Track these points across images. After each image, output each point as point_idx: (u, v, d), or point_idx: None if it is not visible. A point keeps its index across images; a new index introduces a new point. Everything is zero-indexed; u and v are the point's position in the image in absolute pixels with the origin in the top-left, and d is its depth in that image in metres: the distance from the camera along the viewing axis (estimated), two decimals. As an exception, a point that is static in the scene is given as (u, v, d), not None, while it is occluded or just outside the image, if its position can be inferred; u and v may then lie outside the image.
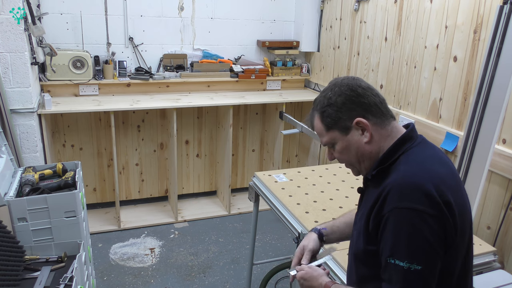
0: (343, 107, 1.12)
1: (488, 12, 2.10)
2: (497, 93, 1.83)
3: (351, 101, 1.12)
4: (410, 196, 0.99)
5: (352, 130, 1.12)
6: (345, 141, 1.13)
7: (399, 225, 0.99)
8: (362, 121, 1.10)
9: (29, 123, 2.73)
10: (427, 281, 0.98)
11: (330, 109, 1.13)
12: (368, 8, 3.06)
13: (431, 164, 1.07)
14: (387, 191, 1.03)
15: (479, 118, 1.91)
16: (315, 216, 1.87)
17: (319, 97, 1.18)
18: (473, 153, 1.95)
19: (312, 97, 3.74)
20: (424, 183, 1.00)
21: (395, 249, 0.99)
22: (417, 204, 0.98)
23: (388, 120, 1.13)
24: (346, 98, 1.12)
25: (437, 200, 0.98)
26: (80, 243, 1.86)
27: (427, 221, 0.97)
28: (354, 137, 1.12)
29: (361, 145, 1.12)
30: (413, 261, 0.97)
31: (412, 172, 1.04)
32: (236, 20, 3.79)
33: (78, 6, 3.28)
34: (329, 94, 1.14)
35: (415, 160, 1.07)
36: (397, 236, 0.99)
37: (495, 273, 1.65)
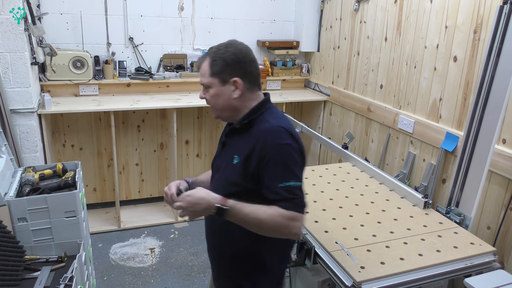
0: (230, 65, 1.38)
1: (488, 12, 2.10)
2: (497, 93, 1.83)
3: (238, 64, 1.38)
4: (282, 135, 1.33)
5: (228, 84, 1.39)
6: (219, 90, 1.40)
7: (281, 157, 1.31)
8: (238, 82, 1.39)
9: (29, 123, 2.73)
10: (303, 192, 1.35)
11: (220, 61, 1.38)
12: (368, 8, 3.06)
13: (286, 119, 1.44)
14: (265, 135, 1.34)
15: (479, 118, 1.91)
16: (315, 216, 1.87)
17: (216, 47, 1.42)
18: (473, 153, 1.95)
19: (312, 97, 3.74)
20: (289, 127, 1.37)
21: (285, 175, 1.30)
22: (288, 140, 1.33)
23: (256, 89, 1.45)
24: (236, 60, 1.38)
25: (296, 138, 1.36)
26: (80, 243, 1.86)
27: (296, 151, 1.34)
28: (227, 90, 1.40)
29: (230, 98, 1.41)
30: (297, 180, 1.32)
31: (279, 122, 1.38)
32: (236, 20, 3.79)
33: (78, 6, 3.28)
34: (224, 49, 1.39)
35: (276, 115, 1.43)
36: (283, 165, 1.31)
37: (495, 273, 1.65)
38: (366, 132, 3.17)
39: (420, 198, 2.00)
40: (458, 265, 1.60)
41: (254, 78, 1.43)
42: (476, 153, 1.94)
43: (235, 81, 1.38)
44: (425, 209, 1.98)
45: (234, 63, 1.38)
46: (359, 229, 1.78)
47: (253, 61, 1.42)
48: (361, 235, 1.74)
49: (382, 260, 1.56)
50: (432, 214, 1.95)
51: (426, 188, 2.53)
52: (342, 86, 3.47)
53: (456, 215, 1.97)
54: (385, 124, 2.92)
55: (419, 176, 2.63)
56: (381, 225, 1.82)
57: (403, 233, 1.77)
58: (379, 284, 1.47)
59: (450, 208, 2.03)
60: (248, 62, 1.41)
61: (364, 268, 1.51)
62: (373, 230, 1.78)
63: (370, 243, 1.68)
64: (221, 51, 1.39)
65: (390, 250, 1.64)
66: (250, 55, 1.42)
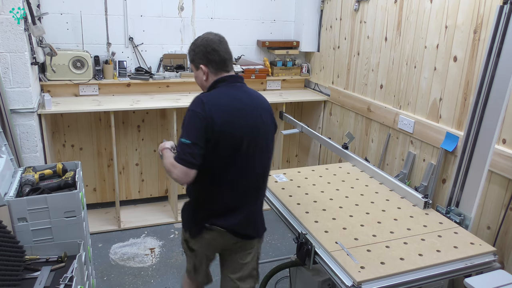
0: (198, 55, 1.77)
1: (488, 12, 2.10)
2: (497, 93, 1.83)
3: (203, 54, 1.75)
4: (193, 103, 1.69)
5: (199, 70, 1.78)
6: (195, 73, 1.83)
7: (185, 119, 1.68)
8: (203, 68, 1.77)
9: (29, 123, 2.73)
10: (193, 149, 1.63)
11: (192, 52, 1.80)
12: (368, 8, 3.06)
13: (219, 95, 1.73)
14: None
15: (479, 118, 1.91)
16: (315, 216, 1.87)
17: (195, 39, 1.80)
18: (473, 153, 1.95)
19: (312, 97, 3.74)
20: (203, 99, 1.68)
21: (182, 133, 1.66)
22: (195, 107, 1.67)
23: (220, 72, 1.77)
24: (201, 51, 1.76)
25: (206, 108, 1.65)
26: (80, 243, 1.87)
27: (198, 116, 1.64)
28: (199, 74, 1.80)
29: (201, 79, 1.81)
30: (186, 138, 1.64)
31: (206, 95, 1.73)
32: (236, 20, 3.79)
33: (78, 6, 3.28)
34: (195, 41, 1.79)
35: (214, 91, 1.76)
36: (183, 125, 1.67)
37: (495, 273, 1.65)
38: (366, 132, 3.17)
39: (420, 198, 2.01)
40: (458, 265, 1.60)
41: (217, 64, 1.76)
42: (476, 153, 1.94)
43: (201, 67, 1.77)
44: (425, 209, 1.98)
45: (200, 53, 1.76)
46: (359, 229, 1.78)
47: (215, 50, 1.74)
48: (361, 235, 1.74)
49: (382, 260, 1.56)
50: (432, 214, 1.95)
51: (426, 188, 2.53)
52: (342, 86, 3.47)
53: (456, 215, 1.97)
54: (385, 124, 2.92)
55: (419, 176, 2.63)
56: (381, 225, 1.82)
57: (403, 233, 1.77)
58: (379, 284, 1.47)
59: (450, 208, 2.03)
60: (210, 51, 1.74)
61: (364, 268, 1.51)
62: (373, 230, 1.78)
63: (370, 243, 1.68)
64: (194, 43, 1.79)
65: (390, 250, 1.64)
66: (212, 46, 1.74)
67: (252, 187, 1.81)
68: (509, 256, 2.04)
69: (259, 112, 1.78)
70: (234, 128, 1.69)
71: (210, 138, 1.65)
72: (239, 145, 1.70)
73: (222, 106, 1.68)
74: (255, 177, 1.80)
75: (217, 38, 1.77)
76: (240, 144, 1.70)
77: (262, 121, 1.77)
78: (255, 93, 1.85)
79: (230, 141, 1.68)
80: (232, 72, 1.81)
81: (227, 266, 1.95)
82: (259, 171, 1.81)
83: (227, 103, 1.71)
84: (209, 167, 1.69)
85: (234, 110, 1.71)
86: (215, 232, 1.77)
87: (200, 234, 1.80)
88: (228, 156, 1.70)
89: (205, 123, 1.63)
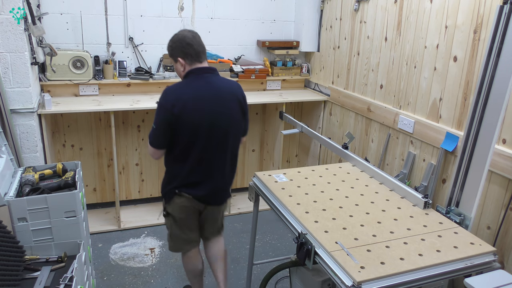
0: (175, 49, 2.10)
1: (488, 12, 2.11)
2: (497, 93, 1.83)
3: (179, 49, 2.09)
4: (161, 94, 2.05)
5: (177, 62, 2.11)
6: (174, 66, 2.16)
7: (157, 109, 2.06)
8: (180, 60, 2.10)
9: (29, 123, 2.73)
10: (157, 134, 2.06)
11: (170, 47, 2.13)
12: (368, 8, 3.06)
13: (184, 86, 2.08)
14: None
15: (479, 118, 1.91)
16: (315, 216, 1.87)
17: (172, 37, 2.13)
18: (473, 153, 1.95)
19: (312, 97, 3.74)
20: (167, 90, 2.05)
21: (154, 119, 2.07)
22: (161, 98, 2.05)
23: (195, 63, 2.09)
24: (178, 46, 2.09)
25: (167, 97, 2.04)
26: (80, 243, 1.87)
27: (161, 106, 2.04)
28: (178, 66, 2.13)
29: (180, 71, 2.14)
30: (154, 124, 2.05)
31: (168, 87, 2.08)
32: (236, 20, 3.79)
33: (78, 6, 3.28)
34: (172, 38, 2.13)
35: (179, 83, 2.10)
36: None
37: (495, 273, 1.65)
38: (366, 132, 3.17)
39: (420, 198, 2.00)
40: (458, 265, 1.60)
41: (192, 56, 2.07)
42: (476, 153, 1.93)
43: (178, 60, 2.09)
44: (425, 209, 1.98)
45: (177, 48, 2.09)
46: (359, 229, 1.78)
47: (189, 45, 2.06)
48: (361, 235, 1.74)
49: (382, 260, 1.56)
50: (432, 214, 1.95)
51: (426, 188, 2.53)
52: (342, 86, 3.47)
53: (456, 215, 1.97)
54: (385, 124, 2.92)
55: (419, 176, 2.63)
56: (381, 225, 1.82)
57: (403, 233, 1.77)
58: (379, 284, 1.47)
59: (450, 208, 2.03)
60: (185, 46, 2.06)
61: (364, 268, 1.51)
62: (373, 230, 1.78)
63: (370, 243, 1.68)
64: (171, 40, 2.12)
65: (390, 250, 1.64)
66: (186, 40, 2.06)
67: (216, 165, 2.16)
68: (509, 256, 2.04)
69: (221, 101, 2.11)
70: (193, 115, 2.03)
71: (172, 124, 2.02)
72: (198, 130, 2.05)
73: (183, 96, 2.03)
74: (219, 156, 2.16)
75: (191, 34, 2.10)
76: (198, 128, 2.05)
77: (223, 108, 2.10)
78: (221, 83, 2.15)
79: (190, 126, 2.03)
80: (205, 63, 2.13)
81: (201, 223, 2.35)
82: (222, 151, 2.16)
83: (187, 93, 2.04)
84: (177, 146, 2.09)
85: (193, 99, 2.04)
86: (183, 197, 2.17)
87: (172, 198, 2.18)
88: (190, 139, 2.06)
89: (166, 111, 2.00)
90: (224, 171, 2.20)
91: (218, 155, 2.15)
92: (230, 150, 2.19)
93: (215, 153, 2.14)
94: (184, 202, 2.18)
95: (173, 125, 2.01)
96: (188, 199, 2.17)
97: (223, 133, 2.12)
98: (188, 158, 2.10)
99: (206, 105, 2.05)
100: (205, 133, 2.06)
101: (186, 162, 2.11)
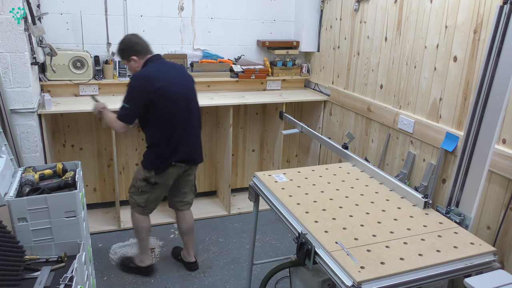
0: (127, 51, 2.50)
1: (488, 12, 2.11)
2: (497, 93, 1.83)
3: (129, 49, 2.49)
4: (134, 79, 2.45)
5: (131, 61, 2.51)
6: (128, 65, 2.55)
7: (127, 89, 2.43)
8: (133, 58, 2.51)
9: (29, 123, 2.73)
10: (129, 113, 2.44)
11: (121, 51, 2.52)
12: (368, 8, 3.06)
13: (155, 69, 2.48)
14: None
15: (479, 118, 1.91)
16: (315, 216, 1.87)
17: (120, 42, 2.53)
18: (473, 153, 1.95)
19: (312, 97, 3.74)
20: (143, 75, 2.46)
21: (124, 99, 2.43)
22: (132, 80, 2.45)
23: (146, 55, 2.52)
24: (129, 47, 2.50)
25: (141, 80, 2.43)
26: (80, 243, 1.86)
27: (133, 87, 2.41)
28: (132, 64, 2.53)
29: (135, 67, 2.54)
30: (125, 102, 2.42)
31: (142, 71, 2.49)
32: (236, 20, 3.79)
33: (78, 6, 3.28)
34: (121, 43, 2.52)
35: (147, 68, 2.50)
36: (125, 94, 2.43)
37: (495, 273, 1.65)
38: (366, 132, 3.17)
39: (420, 198, 2.00)
40: (458, 265, 1.60)
41: (141, 52, 2.50)
42: (476, 153, 1.93)
43: (133, 58, 2.50)
44: (425, 209, 1.98)
45: (128, 49, 2.50)
46: (359, 229, 1.78)
47: (136, 43, 2.50)
48: (361, 235, 1.74)
49: (382, 260, 1.56)
50: (432, 214, 1.95)
51: (426, 188, 2.53)
52: (342, 86, 3.47)
53: (456, 215, 1.97)
54: (385, 124, 2.92)
55: (419, 176, 2.63)
56: (381, 225, 1.82)
57: (403, 233, 1.77)
58: (379, 284, 1.47)
59: (450, 208, 2.03)
60: (134, 44, 2.49)
61: (364, 268, 1.51)
62: (373, 230, 1.78)
63: (370, 243, 1.68)
64: (121, 44, 2.51)
65: (390, 250, 1.64)
66: (134, 40, 2.50)
67: (193, 131, 2.60)
68: (509, 256, 2.04)
69: (185, 76, 2.63)
70: (173, 90, 2.45)
71: (153, 101, 2.40)
72: (178, 102, 2.47)
73: (160, 76, 2.43)
74: (195, 123, 2.62)
75: (134, 35, 2.55)
76: (178, 101, 2.47)
77: (188, 82, 2.61)
78: (175, 64, 2.82)
79: (172, 100, 2.44)
80: (153, 52, 2.58)
81: (177, 186, 2.76)
82: (194, 119, 2.61)
83: (162, 73, 2.46)
84: (161, 121, 2.45)
85: (169, 78, 2.47)
86: (177, 166, 2.57)
87: (167, 169, 2.55)
88: (173, 111, 2.46)
89: (147, 92, 2.38)
90: (198, 135, 2.70)
91: (194, 122, 2.61)
92: (199, 118, 2.68)
93: (192, 121, 2.59)
94: (176, 169, 2.58)
95: (154, 102, 2.40)
96: (180, 167, 2.59)
97: (193, 103, 2.62)
98: (174, 130, 2.49)
99: (178, 81, 2.53)
100: (183, 104, 2.51)
101: (173, 134, 2.49)
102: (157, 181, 2.59)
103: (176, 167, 2.58)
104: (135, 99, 2.41)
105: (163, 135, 2.49)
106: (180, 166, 2.58)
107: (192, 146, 2.63)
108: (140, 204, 2.69)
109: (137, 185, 2.66)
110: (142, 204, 2.69)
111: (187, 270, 2.93)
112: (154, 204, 2.74)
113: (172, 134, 2.49)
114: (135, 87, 2.41)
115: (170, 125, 2.48)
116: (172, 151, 2.52)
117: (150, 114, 2.45)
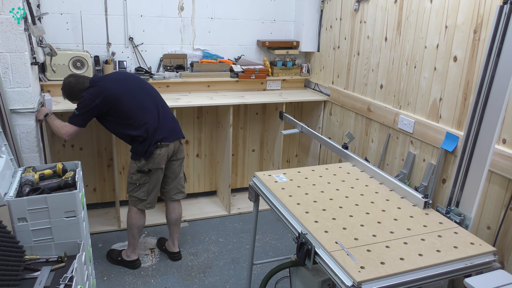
0: (74, 93, 2.73)
1: (488, 12, 2.11)
2: (497, 93, 1.83)
3: (76, 91, 2.71)
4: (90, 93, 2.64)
5: (81, 97, 2.65)
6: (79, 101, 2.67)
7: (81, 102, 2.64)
8: (83, 95, 2.64)
9: (29, 123, 2.72)
10: (86, 117, 2.64)
11: (69, 95, 2.78)
12: (368, 8, 3.06)
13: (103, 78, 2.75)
14: None
15: (479, 118, 1.91)
16: (315, 216, 1.87)
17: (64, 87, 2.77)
18: (473, 153, 1.95)
19: (312, 97, 3.74)
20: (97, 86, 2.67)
21: (77, 108, 2.64)
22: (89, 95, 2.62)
23: (86, 83, 2.71)
24: (76, 88, 2.72)
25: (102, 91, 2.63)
26: (80, 243, 1.86)
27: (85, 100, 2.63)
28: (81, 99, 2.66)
29: None
30: (79, 110, 2.62)
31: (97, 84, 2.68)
32: (236, 20, 3.79)
33: (78, 6, 3.28)
34: (67, 87, 2.75)
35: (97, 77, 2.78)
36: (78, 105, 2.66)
37: (495, 273, 1.65)
38: (366, 132, 3.17)
39: (420, 198, 2.00)
40: (458, 265, 1.60)
41: (84, 86, 2.69)
42: (476, 153, 1.93)
43: (82, 96, 2.64)
44: (425, 209, 1.98)
45: (76, 90, 2.70)
46: (359, 229, 1.78)
47: (77, 83, 2.71)
48: (361, 235, 1.74)
49: (382, 260, 1.56)
50: (432, 214, 1.95)
51: (426, 188, 2.53)
52: (342, 86, 3.47)
53: (456, 215, 1.97)
54: (385, 124, 2.92)
55: (419, 176, 2.63)
56: (381, 225, 1.82)
57: (403, 233, 1.77)
58: (379, 284, 1.47)
59: (450, 208, 2.03)
60: (78, 83, 2.71)
61: (364, 268, 1.51)
62: (373, 230, 1.78)
63: (370, 243, 1.68)
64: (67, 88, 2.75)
65: (390, 250, 1.64)
66: (76, 80, 2.73)
67: (161, 113, 2.75)
68: (509, 256, 2.04)
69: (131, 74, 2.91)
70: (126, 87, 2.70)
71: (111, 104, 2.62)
72: (135, 94, 2.69)
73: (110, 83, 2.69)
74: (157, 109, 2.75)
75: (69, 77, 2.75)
76: (134, 93, 2.69)
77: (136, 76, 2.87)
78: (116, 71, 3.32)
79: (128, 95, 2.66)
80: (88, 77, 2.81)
81: (168, 173, 2.87)
82: (158, 104, 2.78)
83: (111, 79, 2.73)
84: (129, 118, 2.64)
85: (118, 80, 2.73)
86: (163, 147, 2.70)
87: (154, 152, 2.68)
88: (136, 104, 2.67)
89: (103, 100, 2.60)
90: (168, 112, 2.84)
91: (159, 105, 2.78)
92: (163, 102, 2.84)
93: (155, 109, 2.75)
94: (164, 150, 2.72)
95: (113, 104, 2.62)
96: (165, 145, 2.73)
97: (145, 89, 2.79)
98: (143, 118, 2.67)
99: (128, 78, 2.78)
100: (138, 92, 2.72)
101: (145, 120, 2.67)
102: (150, 168, 2.71)
103: (162, 148, 2.70)
104: (93, 105, 2.62)
105: (138, 128, 2.66)
106: (165, 144, 2.72)
107: (167, 124, 2.77)
108: (142, 198, 2.77)
109: (133, 180, 2.75)
110: (144, 197, 2.77)
111: (171, 260, 3.04)
112: (154, 194, 2.82)
113: (143, 126, 2.66)
114: (89, 100, 2.63)
115: (137, 118, 2.66)
116: (151, 136, 2.66)
117: (111, 120, 2.69)
